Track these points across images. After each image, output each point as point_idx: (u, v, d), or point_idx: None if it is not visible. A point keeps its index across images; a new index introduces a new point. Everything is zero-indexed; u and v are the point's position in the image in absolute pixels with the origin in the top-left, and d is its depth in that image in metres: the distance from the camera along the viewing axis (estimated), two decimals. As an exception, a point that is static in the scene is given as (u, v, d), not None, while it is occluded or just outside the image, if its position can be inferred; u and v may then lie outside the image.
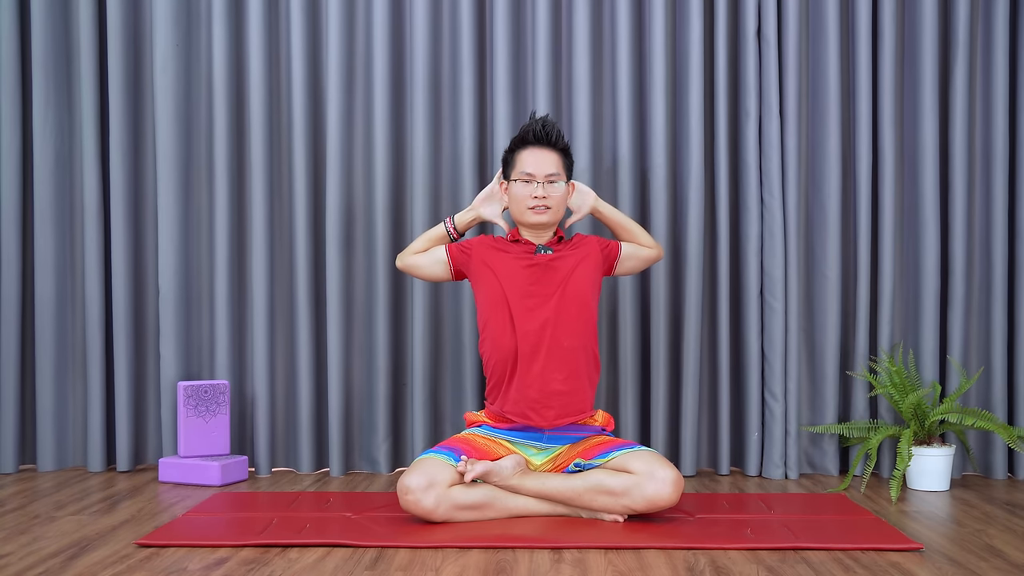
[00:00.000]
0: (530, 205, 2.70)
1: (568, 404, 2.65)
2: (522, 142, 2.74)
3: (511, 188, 2.74)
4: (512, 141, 2.77)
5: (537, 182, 2.69)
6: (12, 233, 3.24)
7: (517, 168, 2.73)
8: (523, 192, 2.71)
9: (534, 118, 2.76)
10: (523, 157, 2.73)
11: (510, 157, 2.77)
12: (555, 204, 2.71)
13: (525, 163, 2.71)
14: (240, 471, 3.13)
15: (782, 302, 3.15)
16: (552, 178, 2.70)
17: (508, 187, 2.77)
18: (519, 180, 2.71)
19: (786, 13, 3.14)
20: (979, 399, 3.20)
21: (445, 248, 2.83)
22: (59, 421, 3.26)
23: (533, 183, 2.69)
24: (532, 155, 2.71)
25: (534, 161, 2.70)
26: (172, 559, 2.21)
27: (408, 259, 2.86)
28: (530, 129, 2.72)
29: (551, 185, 2.70)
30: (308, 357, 3.25)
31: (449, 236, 2.86)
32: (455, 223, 2.86)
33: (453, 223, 2.86)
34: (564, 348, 2.64)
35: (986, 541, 2.38)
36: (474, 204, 2.87)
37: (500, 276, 2.70)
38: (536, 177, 2.69)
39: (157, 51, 3.21)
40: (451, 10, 3.24)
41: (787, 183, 3.16)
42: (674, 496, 2.49)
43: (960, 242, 3.16)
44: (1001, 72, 3.14)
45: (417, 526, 2.46)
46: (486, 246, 2.78)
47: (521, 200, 2.71)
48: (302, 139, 3.24)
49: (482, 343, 2.75)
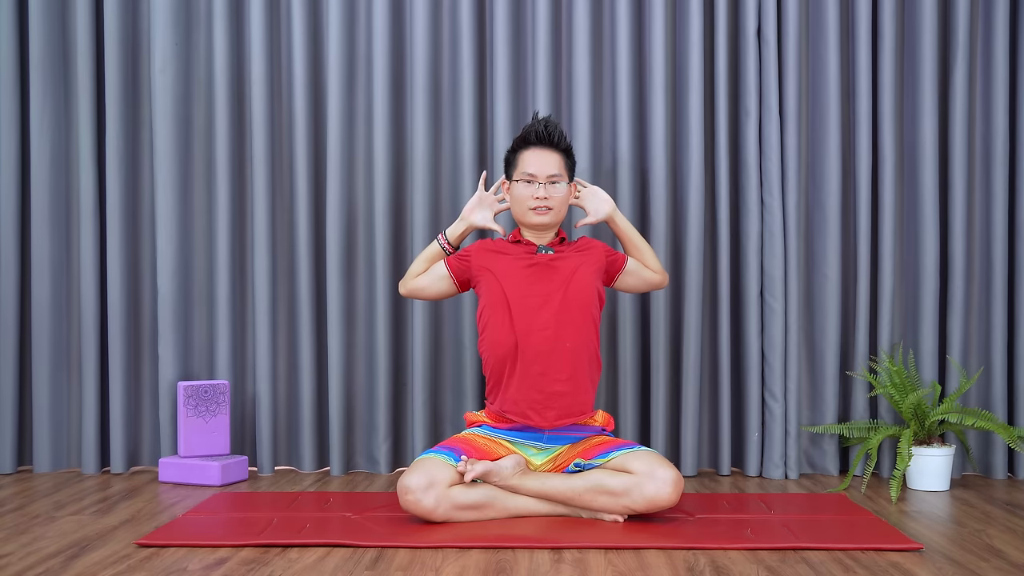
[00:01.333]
0: (532, 206, 2.70)
1: (569, 405, 2.65)
2: (524, 142, 2.74)
3: (513, 188, 2.75)
4: (515, 141, 2.77)
5: (539, 183, 2.69)
6: (9, 234, 3.24)
7: (519, 169, 2.73)
8: (525, 193, 2.71)
9: (536, 118, 2.76)
10: (525, 157, 2.73)
11: (512, 157, 2.77)
12: (557, 205, 2.71)
13: (527, 164, 2.71)
14: (240, 471, 3.13)
15: (782, 302, 3.15)
16: (554, 179, 2.70)
17: (510, 187, 2.77)
18: (521, 181, 2.71)
19: (786, 13, 3.14)
20: (979, 399, 3.20)
21: (444, 262, 2.83)
22: (55, 422, 3.26)
23: (535, 184, 2.70)
24: (534, 156, 2.71)
25: (536, 162, 2.70)
26: (172, 559, 2.21)
27: (410, 284, 2.85)
28: (532, 130, 2.72)
29: (553, 186, 2.70)
30: (309, 356, 3.25)
31: (444, 251, 2.86)
32: (447, 237, 2.86)
33: (446, 238, 2.86)
34: (566, 349, 2.64)
35: (986, 541, 2.38)
36: (463, 215, 2.86)
37: (500, 277, 2.70)
38: (538, 178, 2.69)
39: (156, 51, 3.20)
40: (451, 10, 3.24)
41: (787, 183, 3.16)
42: (674, 496, 2.49)
43: (960, 242, 3.16)
44: (1001, 72, 3.14)
45: (417, 526, 2.46)
46: (485, 250, 2.78)
47: (523, 201, 2.71)
48: (303, 139, 3.24)
49: (481, 342, 2.74)
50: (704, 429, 3.25)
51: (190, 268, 3.28)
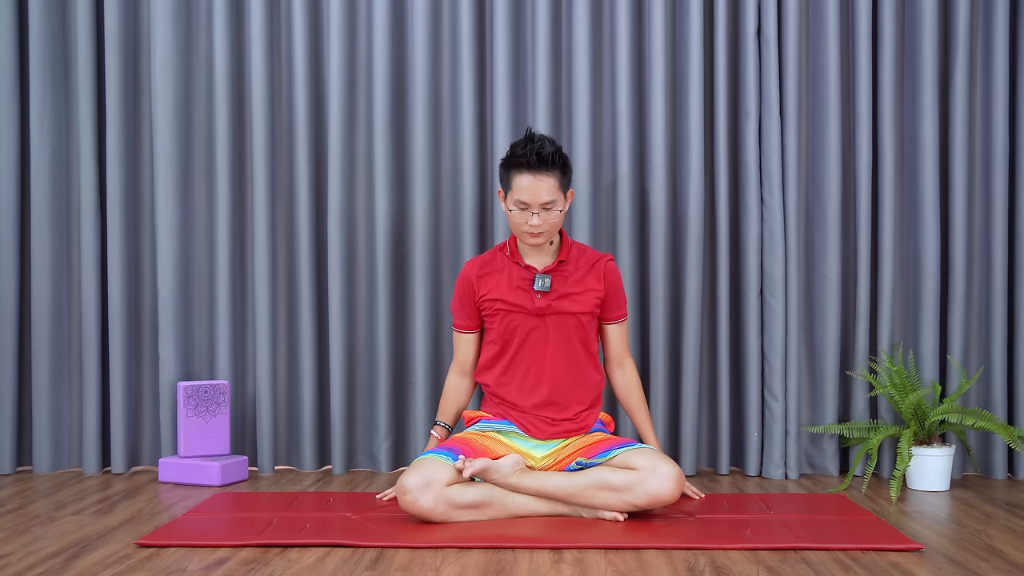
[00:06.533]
0: (526, 230, 2.66)
1: (570, 430, 2.73)
2: (516, 165, 2.64)
3: (507, 209, 2.69)
4: (506, 159, 2.68)
5: (533, 212, 2.63)
6: (9, 234, 3.24)
7: (512, 193, 2.64)
8: (519, 219, 2.65)
9: (529, 137, 2.64)
10: (518, 182, 2.62)
11: (505, 174, 2.68)
12: (552, 227, 2.67)
13: (520, 190, 2.62)
14: (240, 471, 3.13)
15: (782, 302, 3.15)
16: (548, 205, 2.63)
17: (504, 201, 2.72)
18: (515, 208, 2.65)
19: (786, 13, 3.14)
20: (979, 399, 3.20)
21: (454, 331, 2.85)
22: (55, 423, 3.26)
23: (529, 211, 2.64)
24: (527, 182, 2.61)
25: (529, 189, 2.61)
26: (172, 559, 2.21)
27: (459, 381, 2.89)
28: (524, 155, 2.61)
29: (547, 212, 2.64)
30: (310, 356, 3.25)
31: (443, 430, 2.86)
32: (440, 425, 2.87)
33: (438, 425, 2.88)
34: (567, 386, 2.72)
35: (986, 541, 2.38)
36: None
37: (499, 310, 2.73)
38: (531, 207, 2.63)
39: (156, 52, 3.20)
40: (451, 12, 3.24)
41: (787, 183, 3.16)
42: (676, 492, 2.50)
43: (960, 242, 3.16)
44: (1001, 72, 3.14)
45: (417, 526, 2.46)
46: (479, 278, 2.77)
47: (517, 225, 2.67)
48: (303, 138, 3.24)
49: (478, 373, 2.83)
50: (703, 428, 3.25)
51: (190, 268, 3.28)
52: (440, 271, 3.25)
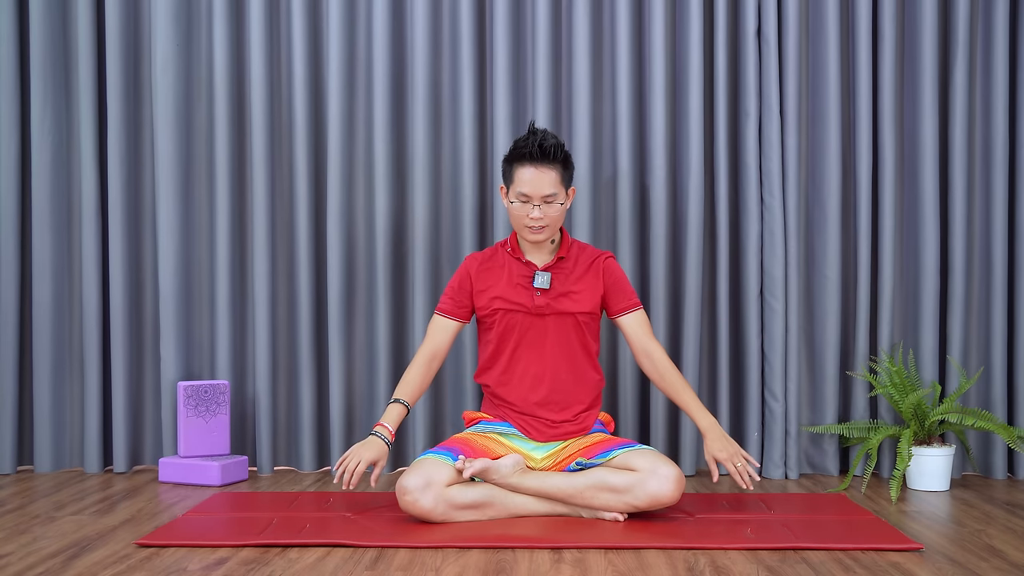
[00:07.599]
0: (527, 224, 2.66)
1: (570, 432, 2.72)
2: (519, 157, 2.66)
3: (509, 202, 2.70)
4: (510, 152, 2.69)
5: (534, 204, 2.64)
6: (10, 234, 3.24)
7: (514, 185, 2.66)
8: (520, 212, 2.65)
9: (531, 131, 2.66)
10: (520, 175, 2.64)
11: (508, 168, 2.70)
12: (552, 222, 2.67)
13: (522, 182, 2.63)
14: (240, 471, 3.13)
15: (782, 302, 3.15)
16: (549, 199, 2.63)
17: (506, 196, 2.73)
18: (516, 201, 2.66)
19: (786, 13, 3.14)
20: (979, 399, 3.20)
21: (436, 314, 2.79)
22: (56, 422, 3.26)
23: (530, 204, 2.64)
24: (529, 174, 2.63)
25: (531, 182, 2.62)
26: (172, 559, 2.21)
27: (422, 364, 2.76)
28: (526, 147, 2.63)
29: (548, 206, 2.64)
30: (309, 356, 3.25)
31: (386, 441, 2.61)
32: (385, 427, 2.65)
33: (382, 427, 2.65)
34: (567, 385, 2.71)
35: (986, 541, 2.38)
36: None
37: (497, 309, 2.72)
38: (533, 199, 2.64)
39: (157, 52, 3.20)
40: (451, 12, 3.24)
41: (787, 183, 3.16)
42: (676, 493, 2.50)
43: (960, 242, 3.16)
44: (1001, 72, 3.14)
45: (417, 526, 2.46)
46: (479, 272, 2.77)
47: (518, 219, 2.67)
48: (303, 139, 3.24)
49: (478, 375, 2.82)
50: (704, 429, 3.24)
51: (191, 268, 3.29)
52: (440, 271, 3.25)
